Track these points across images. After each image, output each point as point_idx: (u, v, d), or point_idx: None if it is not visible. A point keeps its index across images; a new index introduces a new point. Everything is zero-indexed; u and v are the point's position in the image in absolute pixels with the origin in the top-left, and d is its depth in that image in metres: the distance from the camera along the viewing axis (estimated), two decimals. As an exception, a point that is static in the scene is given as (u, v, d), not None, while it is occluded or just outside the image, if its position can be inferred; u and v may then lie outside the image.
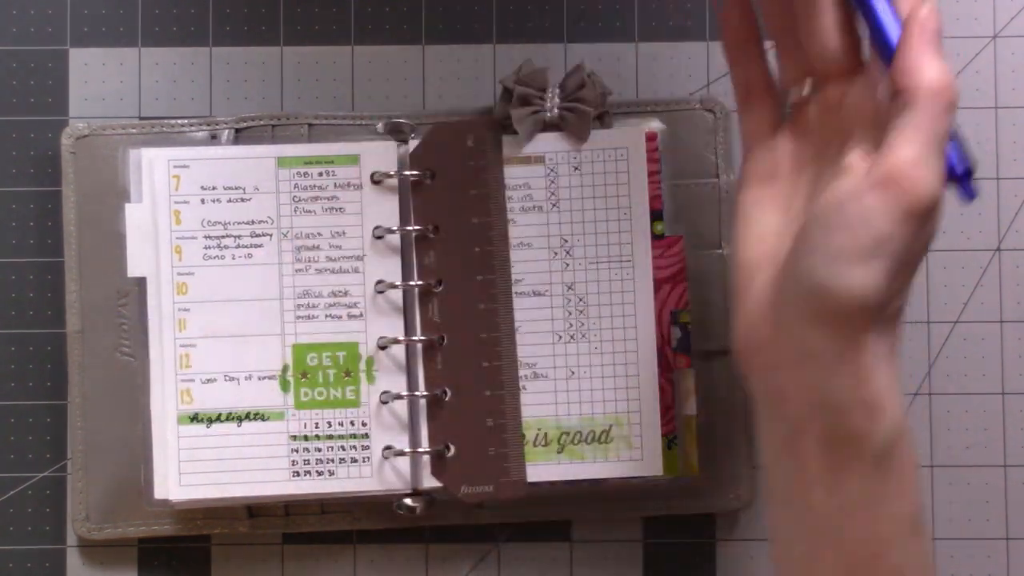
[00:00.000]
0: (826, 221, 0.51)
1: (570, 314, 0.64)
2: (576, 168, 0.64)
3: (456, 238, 0.64)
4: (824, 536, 0.52)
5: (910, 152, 0.49)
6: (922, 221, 0.50)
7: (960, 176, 0.52)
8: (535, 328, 0.64)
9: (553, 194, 0.65)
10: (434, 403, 0.64)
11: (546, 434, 0.64)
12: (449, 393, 0.64)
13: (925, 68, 0.50)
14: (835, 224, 0.51)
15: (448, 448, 0.64)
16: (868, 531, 0.52)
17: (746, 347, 0.55)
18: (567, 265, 0.64)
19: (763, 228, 0.56)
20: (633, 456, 0.64)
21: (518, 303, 0.65)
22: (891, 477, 0.52)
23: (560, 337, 0.65)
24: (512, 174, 0.65)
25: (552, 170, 0.65)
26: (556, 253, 0.64)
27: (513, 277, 0.65)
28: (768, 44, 0.56)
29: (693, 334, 0.65)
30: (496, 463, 0.64)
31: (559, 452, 0.64)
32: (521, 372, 0.64)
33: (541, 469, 0.64)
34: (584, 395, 0.64)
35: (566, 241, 0.64)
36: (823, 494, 0.52)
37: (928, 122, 0.50)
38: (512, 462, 0.64)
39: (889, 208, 0.50)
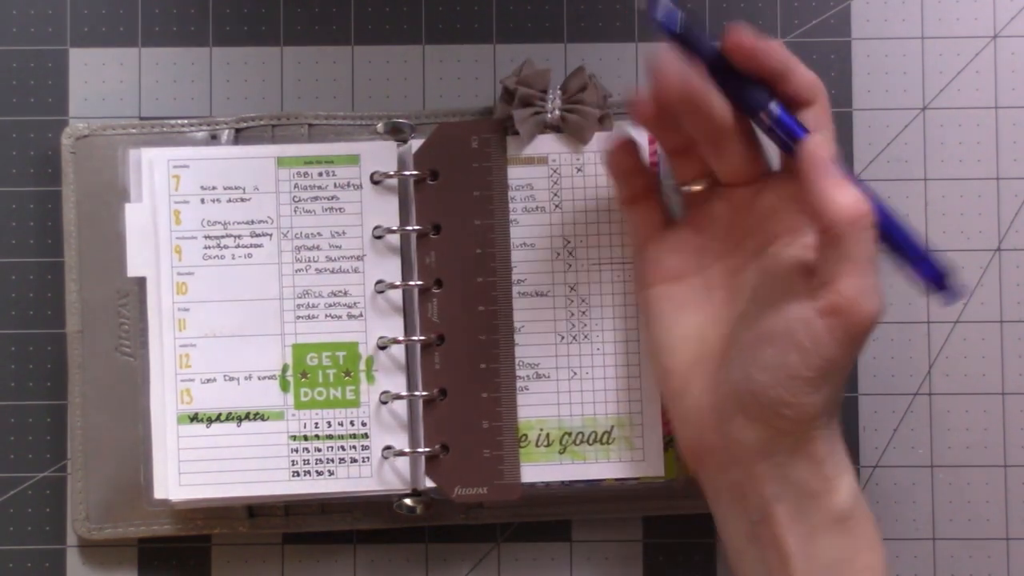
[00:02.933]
0: (775, 341, 0.54)
1: (572, 315, 0.64)
2: (579, 169, 0.64)
3: (457, 239, 0.64)
4: None
5: (852, 284, 0.52)
6: (866, 339, 0.54)
7: (940, 284, 0.56)
8: (537, 329, 0.64)
9: (556, 195, 0.65)
10: (430, 403, 0.64)
11: (548, 435, 0.64)
12: (446, 393, 0.64)
13: (834, 203, 0.53)
14: (786, 346, 0.54)
15: (445, 449, 0.64)
16: None
17: (694, 452, 0.59)
18: (570, 266, 0.64)
19: (684, 330, 0.59)
20: (635, 457, 0.64)
21: (520, 304, 0.65)
22: (857, 535, 0.56)
23: (562, 338, 0.65)
24: (515, 175, 0.65)
25: (555, 171, 0.64)
26: (559, 254, 0.64)
27: (515, 278, 0.65)
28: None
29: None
30: (491, 465, 0.64)
31: (561, 452, 0.64)
32: (523, 372, 0.64)
33: (543, 470, 0.64)
34: (586, 396, 0.64)
35: (568, 242, 0.64)
36: (801, 563, 0.55)
37: (857, 251, 0.53)
38: (507, 464, 0.64)
39: (837, 335, 0.53)
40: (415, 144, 0.65)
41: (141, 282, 0.64)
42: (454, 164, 0.64)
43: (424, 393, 0.64)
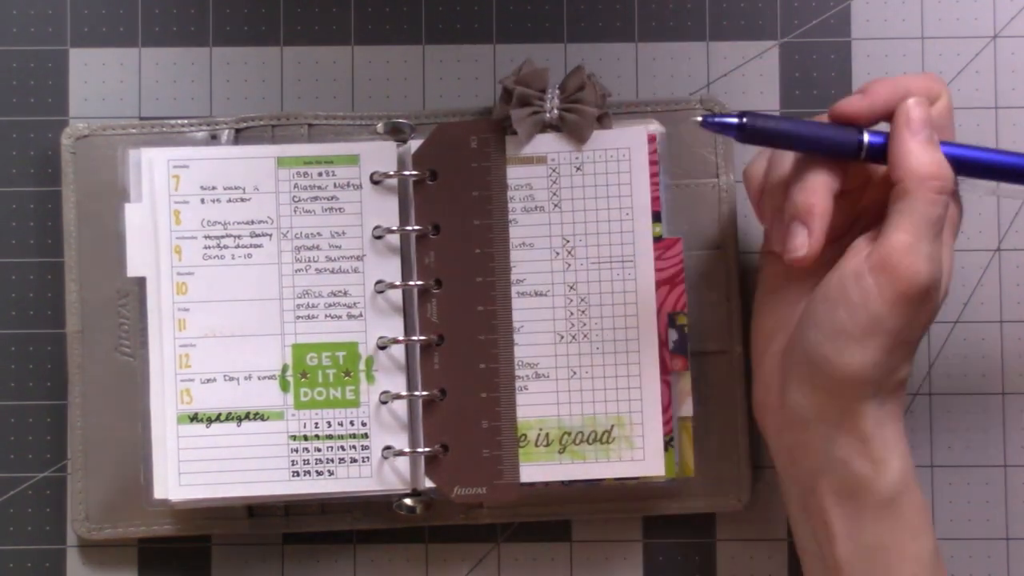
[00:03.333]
0: (829, 297, 0.55)
1: (572, 314, 0.64)
2: (578, 168, 0.64)
3: (456, 239, 0.64)
4: None
5: (902, 239, 0.53)
6: (916, 304, 0.54)
7: None
8: (537, 328, 0.64)
9: (555, 194, 0.64)
10: (430, 403, 0.64)
11: (548, 434, 0.64)
12: (445, 393, 0.64)
13: (913, 157, 0.54)
14: (836, 301, 0.55)
15: (445, 449, 0.64)
16: (892, 572, 0.56)
17: (761, 409, 0.60)
18: (569, 265, 0.64)
19: (781, 298, 0.60)
20: (635, 456, 0.64)
21: (520, 303, 0.65)
22: (903, 521, 0.56)
23: (562, 337, 0.64)
24: (514, 174, 0.64)
25: (554, 170, 0.64)
26: (558, 253, 0.64)
27: (515, 277, 0.65)
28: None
29: (692, 335, 0.65)
30: (490, 465, 0.64)
31: (561, 452, 0.64)
32: (523, 372, 0.64)
33: (543, 469, 0.64)
34: (586, 395, 0.64)
35: (568, 241, 0.64)
36: (844, 542, 0.56)
37: (919, 209, 0.53)
38: (506, 464, 0.64)
39: (883, 291, 0.54)
40: (415, 144, 0.65)
41: (141, 282, 0.64)
42: (453, 164, 0.64)
43: (424, 393, 0.64)
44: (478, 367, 0.64)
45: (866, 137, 0.56)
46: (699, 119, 0.57)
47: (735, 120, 0.56)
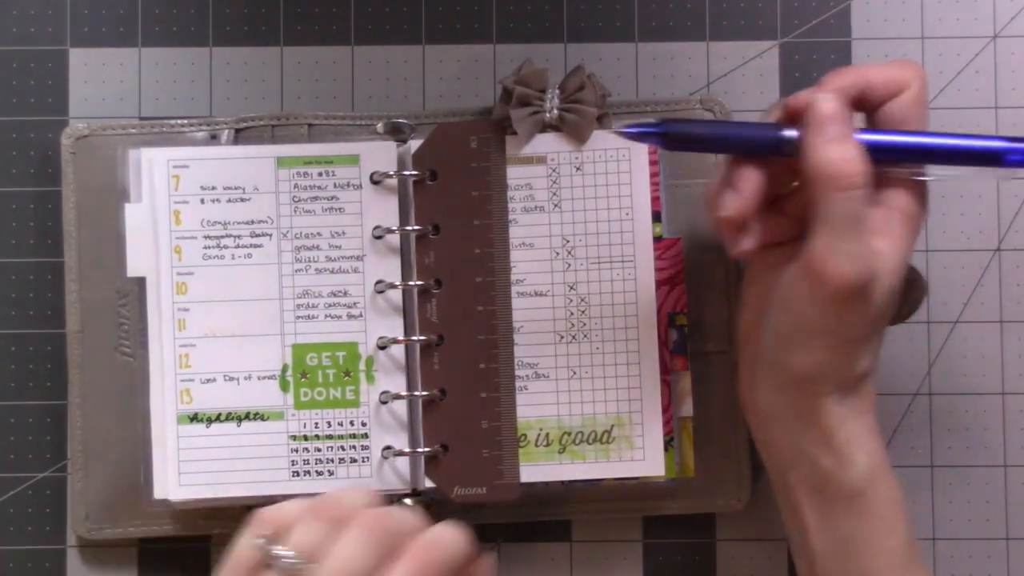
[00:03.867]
0: (776, 301, 0.56)
1: (571, 314, 0.64)
2: (578, 168, 0.64)
3: (456, 239, 0.64)
4: (828, 574, 0.57)
5: (820, 242, 0.53)
6: (848, 304, 0.53)
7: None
8: (536, 328, 0.64)
9: (555, 194, 0.64)
10: (430, 403, 0.64)
11: (548, 434, 0.64)
12: (445, 393, 0.64)
13: (817, 156, 0.53)
14: (780, 305, 0.55)
15: (445, 449, 0.64)
16: (863, 567, 0.56)
17: (744, 403, 0.61)
18: (569, 265, 0.64)
19: (759, 295, 0.59)
20: (635, 456, 0.64)
21: (520, 303, 0.64)
22: (874, 515, 0.56)
23: (562, 337, 0.64)
24: (514, 174, 0.64)
25: (554, 170, 0.64)
26: (558, 253, 0.64)
27: (515, 277, 0.65)
28: None
29: (692, 335, 0.65)
30: (490, 465, 0.64)
31: (561, 452, 0.64)
32: (523, 372, 0.64)
33: (543, 469, 0.64)
34: (586, 395, 0.64)
35: (568, 241, 0.64)
36: (817, 534, 0.56)
37: (831, 209, 0.52)
38: (506, 464, 0.64)
39: (812, 295, 0.53)
40: (415, 144, 0.65)
41: (141, 282, 0.64)
42: (453, 164, 0.64)
43: (424, 393, 0.64)
44: (478, 367, 0.64)
45: (790, 133, 0.55)
46: (620, 130, 0.57)
47: (655, 129, 0.56)
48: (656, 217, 0.64)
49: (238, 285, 0.64)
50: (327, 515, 0.51)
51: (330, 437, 0.64)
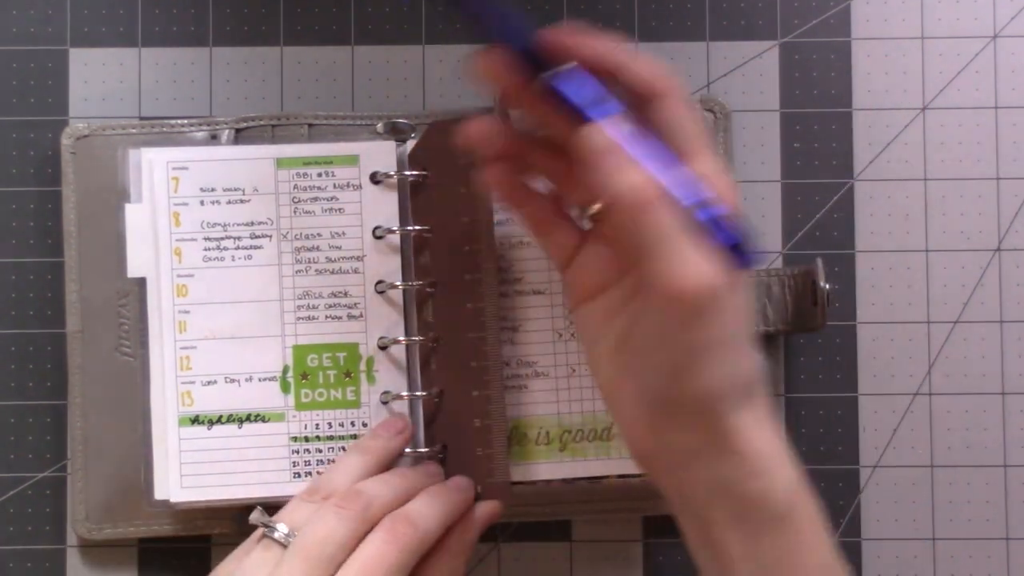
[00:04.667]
0: (643, 339, 0.52)
1: (571, 312, 0.64)
2: (578, 168, 0.64)
3: (447, 238, 0.64)
4: None
5: (654, 267, 0.49)
6: (705, 313, 0.49)
7: (734, 248, 0.50)
8: (536, 327, 0.64)
9: (553, 192, 0.64)
10: (429, 405, 0.64)
11: (547, 432, 0.64)
12: (444, 394, 0.64)
13: (611, 190, 0.49)
14: (648, 342, 0.52)
15: (445, 449, 0.64)
16: None
17: (640, 458, 0.56)
18: (568, 263, 0.64)
19: (610, 342, 0.55)
20: (635, 455, 0.64)
21: (518, 302, 0.64)
22: (801, 530, 0.53)
23: (560, 335, 0.64)
24: (512, 173, 0.64)
25: (553, 168, 0.64)
26: (557, 251, 0.64)
27: (513, 276, 0.65)
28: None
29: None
30: (483, 464, 0.64)
31: (561, 450, 0.64)
32: (522, 371, 0.64)
33: (543, 467, 0.64)
34: (585, 393, 0.64)
35: (567, 239, 0.64)
36: (745, 564, 0.53)
37: (647, 231, 0.49)
38: (496, 463, 0.64)
39: (667, 318, 0.50)
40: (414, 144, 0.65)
41: (141, 282, 0.64)
42: (443, 162, 0.64)
43: (423, 393, 0.64)
44: (470, 365, 0.64)
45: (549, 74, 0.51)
46: None
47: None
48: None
49: (238, 287, 0.64)
50: (317, 495, 0.58)
51: (331, 438, 0.64)
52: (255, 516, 0.58)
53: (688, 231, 0.49)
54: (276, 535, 0.57)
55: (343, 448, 0.64)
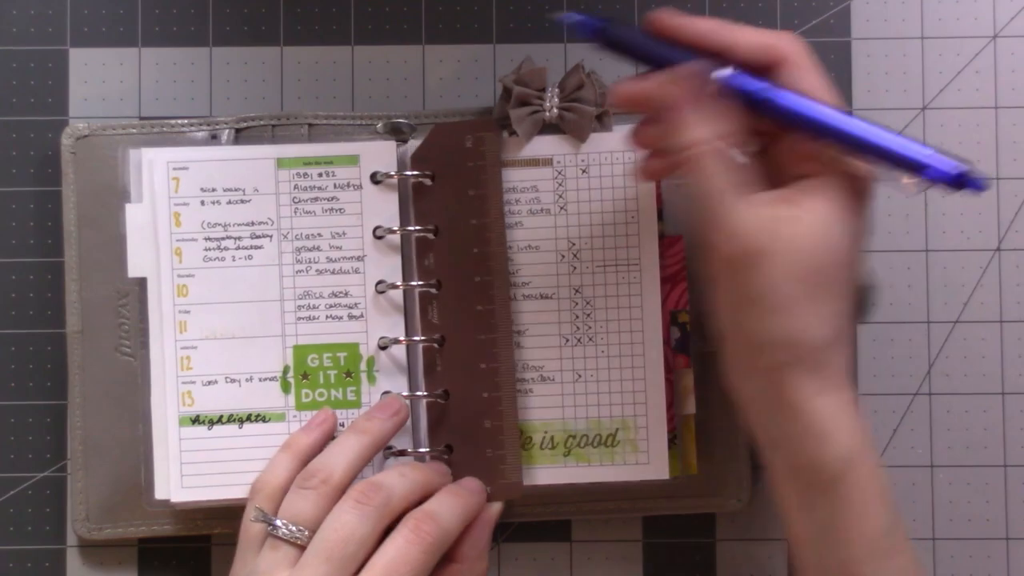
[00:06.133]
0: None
1: (577, 317, 0.64)
2: (584, 171, 0.64)
3: (455, 240, 0.64)
4: (808, 561, 0.55)
5: (701, 217, 0.53)
6: (741, 269, 0.52)
7: (958, 180, 0.52)
8: (542, 331, 0.64)
9: (561, 196, 0.64)
10: (434, 406, 0.64)
11: (552, 437, 0.64)
12: (449, 395, 0.64)
13: (674, 143, 0.54)
14: (715, 284, 0.54)
15: (450, 450, 0.64)
16: (841, 553, 0.54)
17: (732, 393, 0.57)
18: (574, 268, 0.64)
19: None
20: (640, 460, 0.64)
21: (525, 306, 0.65)
22: (852, 499, 0.53)
23: (567, 340, 0.64)
24: (520, 176, 0.64)
25: (560, 172, 0.64)
26: (563, 256, 0.64)
27: (520, 280, 0.65)
28: None
29: (693, 334, 0.65)
30: (493, 465, 0.64)
31: (566, 455, 0.64)
32: (528, 375, 0.64)
33: (548, 472, 0.64)
34: (591, 398, 0.64)
35: (573, 244, 0.64)
36: (800, 522, 0.54)
37: (699, 184, 0.53)
38: (508, 464, 0.64)
39: (713, 266, 0.53)
40: (415, 144, 0.65)
41: (141, 282, 0.64)
42: (450, 164, 0.64)
43: (425, 394, 0.64)
44: (479, 367, 0.64)
45: (721, 73, 0.53)
46: (561, 16, 0.57)
47: (599, 23, 0.55)
48: (659, 215, 0.64)
49: (239, 287, 0.64)
50: (314, 482, 0.58)
51: (331, 438, 0.64)
52: (255, 515, 0.58)
53: (738, 189, 0.52)
54: (281, 532, 0.56)
55: (344, 448, 0.64)
